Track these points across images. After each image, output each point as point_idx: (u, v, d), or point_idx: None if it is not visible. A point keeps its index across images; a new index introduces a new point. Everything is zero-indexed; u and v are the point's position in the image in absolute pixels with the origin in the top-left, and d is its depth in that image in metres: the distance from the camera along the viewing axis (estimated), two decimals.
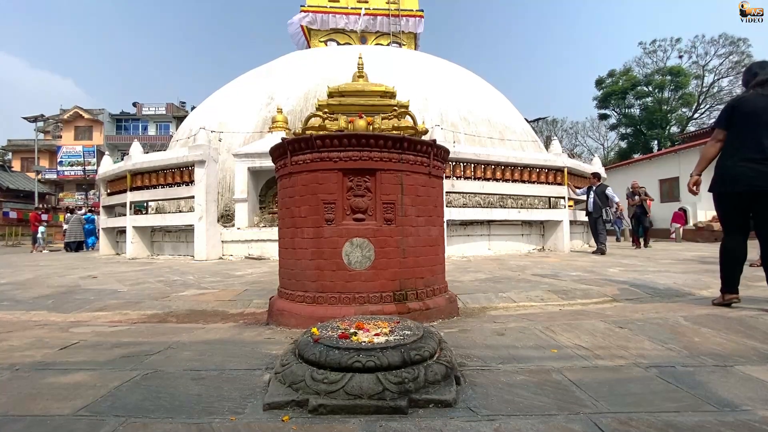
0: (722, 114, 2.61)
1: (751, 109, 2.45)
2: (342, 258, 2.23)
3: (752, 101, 2.49)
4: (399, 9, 14.65)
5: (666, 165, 17.92)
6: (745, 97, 2.57)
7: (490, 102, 11.41)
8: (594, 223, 7.82)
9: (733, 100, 2.63)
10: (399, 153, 2.38)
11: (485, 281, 4.12)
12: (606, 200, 7.88)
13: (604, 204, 7.84)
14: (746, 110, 2.48)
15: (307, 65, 11.24)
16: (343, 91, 6.21)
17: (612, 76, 31.13)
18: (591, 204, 7.90)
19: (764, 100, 2.45)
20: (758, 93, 2.49)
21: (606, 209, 7.81)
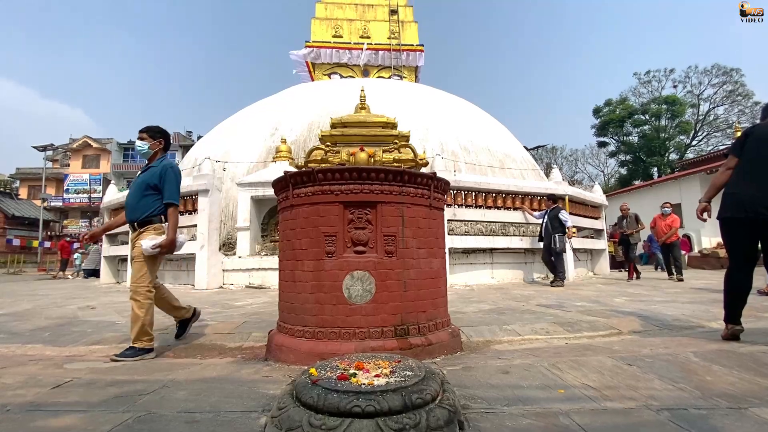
0: (736, 141, 2.67)
1: (762, 137, 2.49)
2: (342, 291, 2.20)
3: (765, 130, 2.53)
4: (400, 44, 15.22)
5: (667, 192, 17.95)
6: (758, 125, 2.63)
7: (489, 131, 11.62)
8: (547, 250, 7.11)
9: (748, 129, 2.69)
10: (400, 186, 2.41)
11: (489, 312, 4.04)
12: (559, 225, 7.09)
13: (556, 230, 7.04)
14: (758, 138, 2.52)
15: (310, 97, 11.56)
16: (345, 122, 6.36)
17: (609, 105, 31.83)
18: (543, 229, 7.22)
19: None
20: None
21: (555, 236, 6.99)
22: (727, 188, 2.60)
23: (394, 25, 15.47)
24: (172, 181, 2.84)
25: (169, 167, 2.89)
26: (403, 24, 15.75)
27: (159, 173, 2.85)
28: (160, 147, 3.03)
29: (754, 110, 27.93)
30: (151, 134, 3.00)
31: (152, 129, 3.02)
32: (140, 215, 2.83)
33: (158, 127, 3.06)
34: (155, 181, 2.84)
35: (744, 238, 2.51)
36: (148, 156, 3.01)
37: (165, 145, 3.08)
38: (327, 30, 15.44)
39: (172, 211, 2.81)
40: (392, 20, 15.61)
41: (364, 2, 16.11)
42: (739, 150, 2.59)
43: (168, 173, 2.85)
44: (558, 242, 7.01)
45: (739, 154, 2.59)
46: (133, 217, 2.90)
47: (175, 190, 2.85)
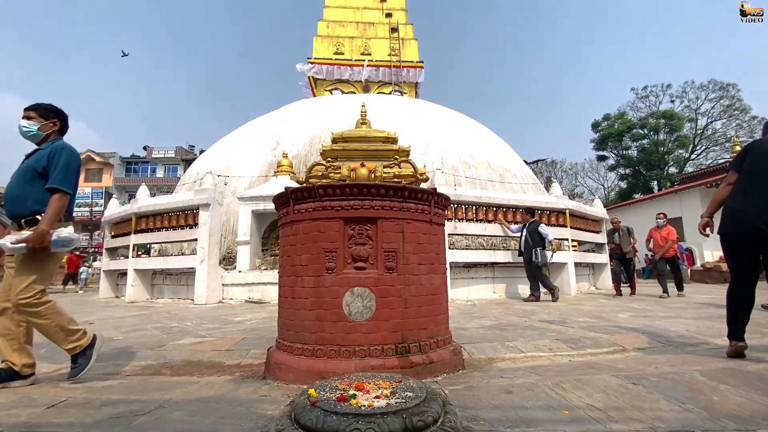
0: (736, 157, 2.68)
1: (763, 152, 2.51)
2: (342, 308, 2.18)
3: (764, 145, 2.56)
4: (400, 60, 15.49)
5: (668, 205, 17.94)
6: (758, 141, 2.65)
7: (489, 146, 11.72)
8: (527, 265, 6.97)
9: (747, 145, 2.71)
10: (400, 201, 2.41)
11: (491, 328, 3.99)
12: (539, 239, 6.94)
13: (537, 244, 6.89)
14: (757, 153, 2.54)
15: (312, 112, 11.71)
16: (346, 137, 6.41)
17: (607, 120, 32.14)
18: (522, 243, 7.08)
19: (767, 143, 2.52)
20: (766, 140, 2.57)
21: (536, 250, 6.82)
22: (728, 203, 2.61)
23: (394, 43, 15.78)
24: (63, 165, 2.28)
25: (60, 148, 2.34)
26: (403, 41, 16.06)
27: (48, 154, 2.30)
28: (55, 129, 2.48)
29: (751, 124, 28.19)
30: (41, 112, 2.43)
31: (43, 106, 2.45)
32: (27, 210, 2.27)
33: (51, 105, 2.51)
34: (43, 164, 2.27)
35: (744, 253, 2.51)
36: (38, 140, 2.44)
37: (61, 127, 2.51)
38: (329, 47, 15.75)
39: (56, 199, 2.22)
40: (392, 38, 15.92)
41: (365, 20, 16.47)
42: (739, 165, 2.61)
43: (59, 154, 2.30)
44: (540, 256, 6.83)
45: (739, 170, 2.60)
46: (16, 211, 2.30)
47: (64, 175, 2.28)
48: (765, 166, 2.47)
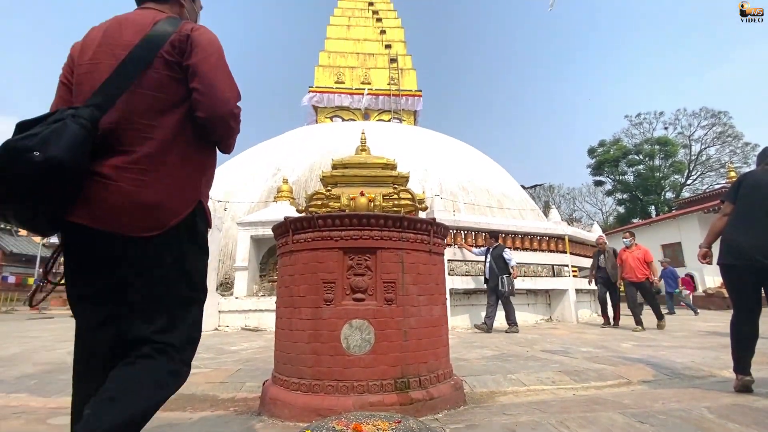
0: (731, 188, 2.70)
1: (756, 183, 2.54)
2: (340, 341, 2.14)
3: (758, 176, 2.58)
4: (399, 89, 15.92)
5: (666, 230, 18.00)
6: (752, 172, 2.68)
7: (487, 172, 11.86)
8: (491, 293, 6.61)
9: (741, 175, 2.73)
10: (399, 231, 2.41)
11: (492, 359, 3.91)
12: (504, 265, 6.57)
13: (502, 271, 6.51)
14: (752, 184, 2.56)
15: (313, 139, 11.91)
16: (346, 164, 6.48)
17: (603, 146, 32.67)
18: (487, 270, 6.74)
19: (763, 173, 2.55)
20: (765, 169, 2.59)
21: (502, 278, 6.43)
22: (725, 235, 2.61)
23: (393, 73, 16.26)
24: None
25: None
26: (402, 71, 16.56)
27: None
28: None
29: (745, 150, 28.67)
30: None
31: None
32: None
33: None
34: None
35: (744, 284, 2.49)
36: None
37: None
38: (330, 77, 16.20)
39: None
40: (392, 68, 16.43)
41: (365, 51, 17.03)
42: (734, 196, 2.63)
43: None
44: (507, 285, 6.43)
45: (734, 201, 2.62)
46: None
47: None
48: (760, 198, 2.49)
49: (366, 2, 19.16)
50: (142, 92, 1.13)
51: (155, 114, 1.15)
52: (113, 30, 1.20)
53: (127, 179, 1.09)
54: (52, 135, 0.96)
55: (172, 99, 1.17)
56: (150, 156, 1.12)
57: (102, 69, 1.14)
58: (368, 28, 17.97)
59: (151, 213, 1.11)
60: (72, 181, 1.02)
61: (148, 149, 1.12)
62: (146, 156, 1.12)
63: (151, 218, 1.11)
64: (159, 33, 1.17)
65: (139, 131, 1.12)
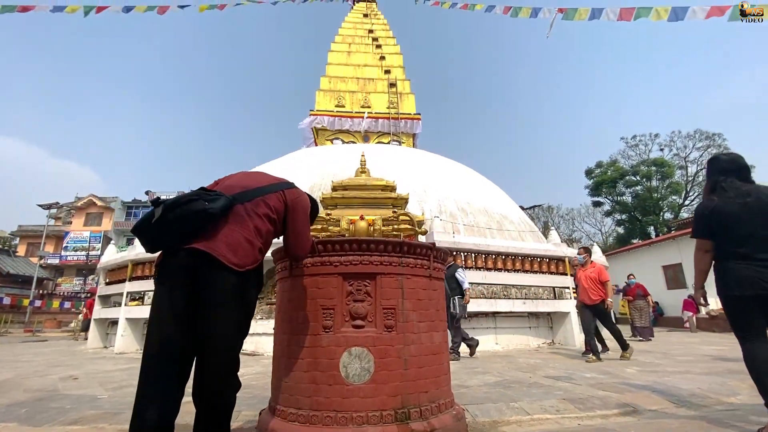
0: (701, 223, 2.48)
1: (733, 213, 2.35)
2: (339, 370, 2.10)
3: (728, 206, 2.39)
4: (399, 113, 16.23)
5: (667, 251, 17.93)
6: (719, 202, 2.44)
7: (486, 193, 11.93)
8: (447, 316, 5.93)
9: (704, 208, 2.51)
10: (399, 256, 2.41)
11: (494, 386, 3.82)
12: (457, 286, 6.06)
13: (454, 292, 6.01)
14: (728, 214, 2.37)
15: (313, 161, 12.03)
16: (346, 186, 6.53)
17: (600, 167, 33.00)
18: None
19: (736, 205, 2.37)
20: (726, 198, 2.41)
21: (454, 299, 5.93)
22: (718, 266, 2.46)
23: (393, 97, 16.61)
24: None
25: None
26: (401, 95, 16.92)
27: None
28: None
29: None
30: None
31: None
32: None
33: None
34: None
35: (751, 312, 2.38)
36: None
37: None
38: (330, 101, 16.55)
39: None
40: (391, 92, 16.80)
41: (365, 76, 17.46)
42: (707, 232, 2.45)
43: None
44: (458, 307, 5.96)
45: (710, 236, 2.44)
46: None
47: None
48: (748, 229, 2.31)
49: (366, 30, 19.79)
50: (263, 202, 1.92)
51: (266, 215, 1.91)
52: (251, 174, 2.09)
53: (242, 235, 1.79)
54: (217, 200, 1.73)
55: (274, 218, 1.96)
56: (258, 230, 1.87)
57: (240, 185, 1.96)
58: (368, 54, 18.48)
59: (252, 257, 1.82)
60: (212, 222, 1.71)
61: (258, 225, 1.87)
62: (255, 228, 1.85)
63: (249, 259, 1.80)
64: (281, 186, 2.04)
65: (256, 215, 1.87)
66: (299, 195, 2.05)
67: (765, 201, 2.33)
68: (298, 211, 2.02)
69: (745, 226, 2.33)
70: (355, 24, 20.18)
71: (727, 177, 2.47)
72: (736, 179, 2.45)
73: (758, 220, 2.32)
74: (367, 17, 20.87)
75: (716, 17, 6.94)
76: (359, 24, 20.20)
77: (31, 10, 7.69)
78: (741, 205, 2.35)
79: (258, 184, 1.96)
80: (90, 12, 8.51)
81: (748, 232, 2.32)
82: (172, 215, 1.63)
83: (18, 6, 7.49)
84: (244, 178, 2.03)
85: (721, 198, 2.44)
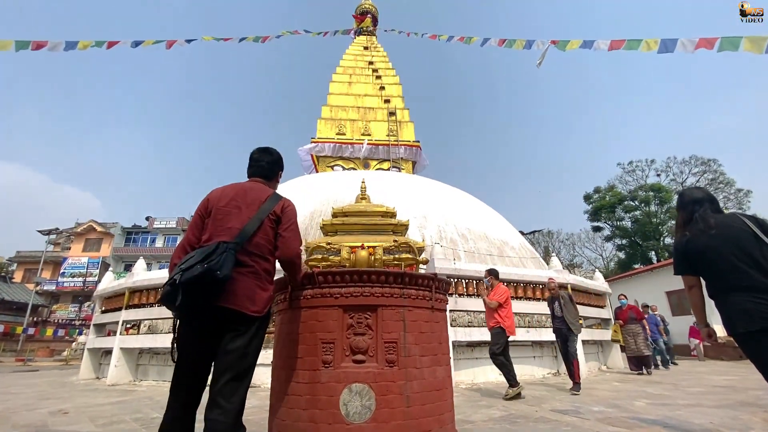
0: (681, 260, 2.41)
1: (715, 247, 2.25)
2: (339, 408, 2.03)
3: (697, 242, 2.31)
4: (398, 140, 16.52)
5: (670, 276, 17.70)
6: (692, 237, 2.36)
7: (486, 219, 11.95)
8: None
9: (678, 245, 2.45)
10: (401, 288, 2.38)
11: (500, 421, 3.69)
12: None
13: None
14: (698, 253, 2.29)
15: (314, 187, 12.13)
16: (346, 212, 6.53)
17: (598, 192, 33.22)
18: None
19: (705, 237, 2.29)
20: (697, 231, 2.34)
21: None
22: (716, 304, 2.32)
23: (392, 125, 16.97)
24: None
25: None
26: (401, 123, 17.28)
27: None
28: None
29: (738, 196, 29.12)
30: None
31: None
32: None
33: None
34: None
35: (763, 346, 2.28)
36: None
37: None
38: (331, 129, 16.89)
39: None
40: (391, 120, 17.17)
41: (365, 105, 17.90)
42: (688, 267, 2.38)
43: None
44: None
45: (694, 272, 2.36)
46: None
47: None
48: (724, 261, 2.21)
49: (366, 62, 20.47)
50: (260, 235, 1.98)
51: (266, 250, 2.01)
52: (242, 192, 2.09)
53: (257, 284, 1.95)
54: (224, 261, 1.78)
55: (272, 241, 2.04)
56: (267, 271, 2.02)
57: (235, 215, 2.00)
58: (368, 85, 19.02)
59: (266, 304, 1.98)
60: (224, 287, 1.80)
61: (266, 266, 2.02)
62: (264, 270, 2.00)
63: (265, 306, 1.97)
64: (270, 205, 2.06)
65: (258, 260, 1.97)
66: (286, 205, 2.14)
67: (730, 230, 2.23)
68: (288, 217, 2.12)
69: (721, 258, 2.22)
70: (356, 56, 20.89)
71: (701, 207, 2.41)
72: (709, 209, 2.40)
73: (728, 249, 2.24)
74: (368, 50, 21.62)
75: (706, 49, 7.14)
76: (360, 56, 20.91)
77: (44, 47, 7.97)
78: (709, 237, 2.27)
79: (251, 213, 2.02)
80: (102, 46, 8.82)
81: (725, 265, 2.20)
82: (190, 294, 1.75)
83: (32, 43, 7.76)
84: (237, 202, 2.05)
85: (691, 231, 2.38)
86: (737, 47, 6.49)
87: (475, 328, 7.24)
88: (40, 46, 7.99)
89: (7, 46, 7.61)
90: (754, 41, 6.30)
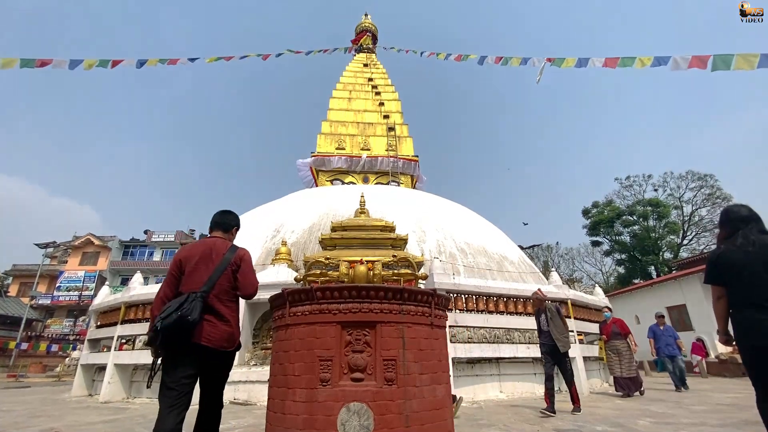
0: (713, 270, 2.50)
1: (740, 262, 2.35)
2: (337, 428, 1.99)
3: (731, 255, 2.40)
4: (397, 155, 16.66)
5: (670, 292, 17.67)
6: (725, 250, 2.46)
7: (485, 233, 11.94)
8: None
9: (715, 256, 2.53)
10: (400, 304, 2.37)
11: None
12: None
13: None
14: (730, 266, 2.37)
15: (313, 201, 12.15)
16: (345, 226, 6.52)
17: (596, 207, 33.35)
18: None
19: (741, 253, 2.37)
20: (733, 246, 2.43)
21: None
22: (736, 313, 2.40)
23: (391, 140, 17.13)
24: None
25: None
26: (400, 138, 17.46)
27: None
28: None
29: None
30: None
31: None
32: None
33: None
34: None
35: None
36: None
37: None
38: (331, 143, 17.04)
39: None
40: (390, 135, 17.34)
41: (365, 121, 18.11)
42: (719, 279, 2.45)
43: None
44: None
45: (723, 283, 2.44)
46: None
47: None
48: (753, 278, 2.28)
49: (366, 78, 20.79)
50: (223, 281, 2.41)
51: (229, 292, 2.45)
52: (207, 250, 2.51)
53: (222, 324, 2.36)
54: (194, 308, 2.22)
55: (233, 285, 2.47)
56: (232, 309, 2.45)
57: (203, 269, 2.44)
58: (368, 101, 19.29)
59: (233, 339, 2.41)
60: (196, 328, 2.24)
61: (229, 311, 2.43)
62: (228, 313, 2.40)
63: (233, 341, 2.40)
64: (230, 255, 2.50)
65: (223, 301, 2.41)
66: (243, 254, 2.58)
67: (766, 251, 2.33)
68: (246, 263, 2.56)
69: (751, 274, 2.31)
70: (356, 73, 21.23)
71: (747, 225, 2.47)
72: (755, 228, 2.45)
73: (759, 267, 2.31)
74: (367, 66, 22.00)
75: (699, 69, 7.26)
76: (359, 73, 21.25)
77: (49, 65, 8.09)
78: (744, 254, 2.35)
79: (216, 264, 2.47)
80: (107, 65, 8.95)
81: (752, 281, 2.30)
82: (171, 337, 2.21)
83: (37, 61, 7.88)
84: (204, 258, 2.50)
85: (727, 245, 2.47)
86: (729, 65, 6.61)
87: (475, 344, 7.16)
88: (45, 64, 8.10)
89: (12, 64, 7.72)
90: (745, 58, 6.42)
